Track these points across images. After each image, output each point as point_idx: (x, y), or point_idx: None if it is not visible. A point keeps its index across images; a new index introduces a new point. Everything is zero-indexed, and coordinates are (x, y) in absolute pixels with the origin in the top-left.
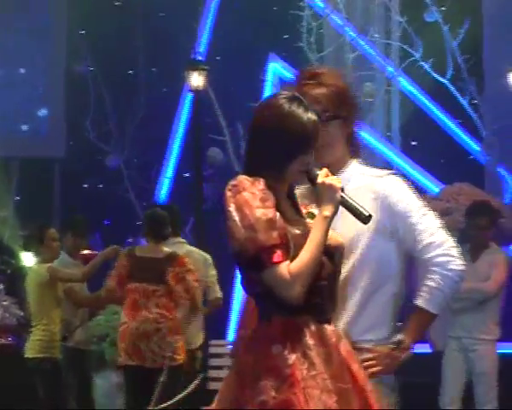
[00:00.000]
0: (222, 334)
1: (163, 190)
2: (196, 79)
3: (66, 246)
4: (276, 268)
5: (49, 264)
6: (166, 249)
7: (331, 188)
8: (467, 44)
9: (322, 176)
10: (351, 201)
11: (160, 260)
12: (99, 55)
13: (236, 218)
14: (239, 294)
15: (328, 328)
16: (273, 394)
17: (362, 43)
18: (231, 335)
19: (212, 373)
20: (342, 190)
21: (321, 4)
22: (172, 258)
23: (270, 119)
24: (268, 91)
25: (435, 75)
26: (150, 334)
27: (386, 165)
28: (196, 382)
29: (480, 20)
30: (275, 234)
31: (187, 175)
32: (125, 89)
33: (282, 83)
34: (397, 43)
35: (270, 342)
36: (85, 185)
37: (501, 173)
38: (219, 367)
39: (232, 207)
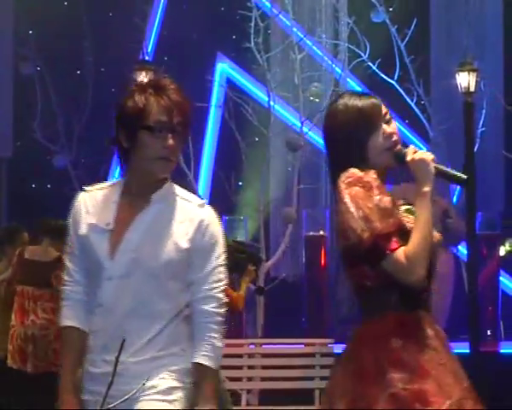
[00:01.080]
0: None
1: None
2: (144, 79)
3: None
4: (393, 256)
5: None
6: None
7: (424, 162)
8: (414, 45)
9: (411, 153)
10: (445, 169)
11: (48, 264)
12: (46, 55)
13: (352, 209)
14: None
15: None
16: (401, 386)
17: (309, 43)
18: None
19: None
20: (433, 160)
21: (268, 5)
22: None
23: (336, 114)
24: (215, 92)
25: (383, 75)
26: (37, 339)
27: None
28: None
29: (426, 21)
30: (391, 221)
31: None
32: (73, 89)
33: (230, 83)
34: (344, 43)
35: (387, 337)
36: (33, 185)
37: None
38: None
39: (347, 199)
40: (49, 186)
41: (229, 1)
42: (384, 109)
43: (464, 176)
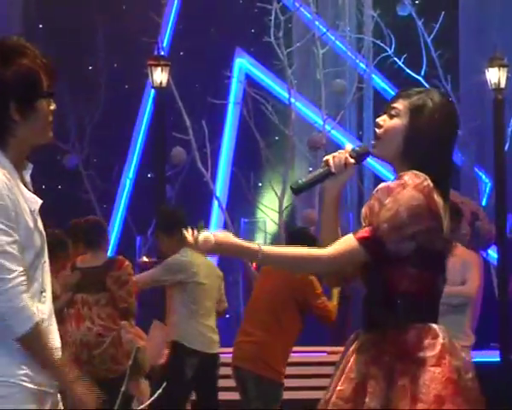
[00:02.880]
0: None
1: (125, 191)
2: (159, 76)
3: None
4: None
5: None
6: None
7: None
8: (441, 39)
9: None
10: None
11: (99, 268)
12: (57, 50)
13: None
14: None
15: None
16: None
17: (332, 38)
18: None
19: None
20: (326, 163)
21: None
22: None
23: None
24: (234, 88)
25: (409, 71)
26: (92, 346)
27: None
28: (159, 391)
29: (455, 14)
30: None
31: (150, 176)
32: (85, 85)
33: (249, 79)
34: (369, 38)
35: (420, 350)
36: (43, 186)
37: (477, 174)
38: None
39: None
40: (60, 187)
41: None
42: (395, 104)
43: (292, 185)
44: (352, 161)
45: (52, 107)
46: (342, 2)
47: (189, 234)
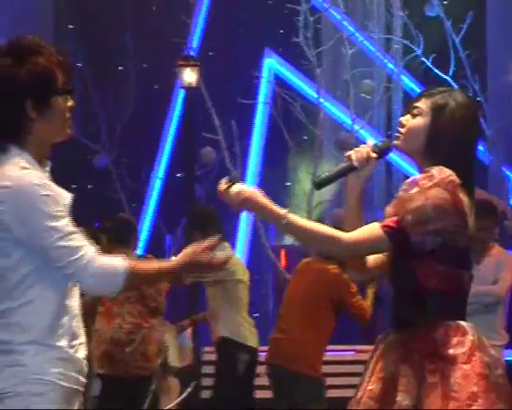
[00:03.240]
0: None
1: (154, 190)
2: (189, 76)
3: None
4: None
5: None
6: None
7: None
8: (470, 40)
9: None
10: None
11: None
12: (88, 50)
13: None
14: None
15: None
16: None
17: (361, 38)
18: None
19: (206, 381)
20: (348, 158)
21: None
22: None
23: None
24: (263, 88)
25: (437, 71)
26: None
27: (386, 164)
28: (189, 390)
29: (483, 14)
30: None
31: (179, 175)
32: (115, 85)
33: (278, 79)
34: (397, 38)
35: (450, 347)
36: (73, 186)
37: (505, 173)
38: (212, 375)
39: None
40: (90, 187)
41: None
42: (418, 104)
43: (315, 180)
44: (374, 155)
45: (69, 103)
46: (371, 2)
47: (222, 183)
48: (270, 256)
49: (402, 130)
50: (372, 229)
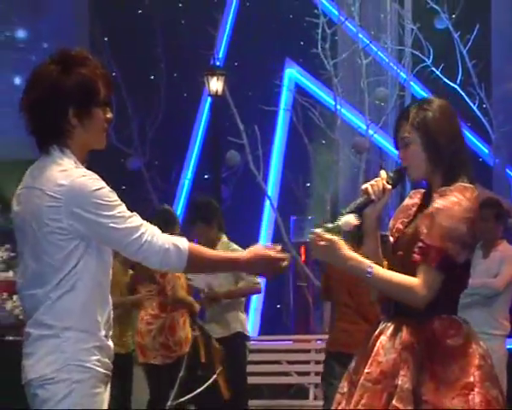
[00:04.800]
0: None
1: (183, 191)
2: (215, 84)
3: None
4: None
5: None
6: None
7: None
8: (476, 50)
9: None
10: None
11: None
12: (121, 61)
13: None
14: None
15: None
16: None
17: (375, 49)
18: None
19: None
20: (365, 192)
21: (335, 12)
22: None
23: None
24: (284, 96)
25: (446, 80)
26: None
27: (398, 165)
28: (214, 376)
29: (488, 27)
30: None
31: (206, 177)
32: (147, 93)
33: (298, 88)
34: (409, 49)
35: (447, 338)
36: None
37: (509, 175)
38: None
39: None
40: (123, 188)
41: (298, 8)
42: (402, 134)
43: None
44: (389, 187)
45: (108, 115)
46: (384, 16)
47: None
48: (291, 252)
49: (404, 164)
50: (429, 273)
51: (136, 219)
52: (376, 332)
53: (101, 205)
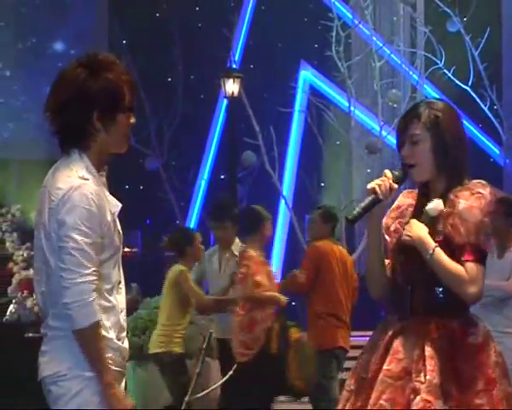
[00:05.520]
0: None
1: (200, 191)
2: (231, 86)
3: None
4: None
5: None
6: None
7: None
8: (487, 53)
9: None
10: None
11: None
12: (140, 64)
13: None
14: None
15: None
16: None
17: (388, 51)
18: None
19: None
20: (373, 191)
21: (349, 15)
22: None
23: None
24: (299, 97)
25: (457, 82)
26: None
27: None
28: (231, 372)
29: (499, 30)
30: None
31: (223, 177)
32: (164, 95)
33: (312, 89)
34: (421, 51)
35: (468, 336)
36: (127, 187)
37: None
38: None
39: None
40: (142, 188)
41: (312, 12)
42: (412, 131)
43: (348, 216)
44: (396, 186)
45: (132, 120)
46: (397, 19)
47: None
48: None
49: (411, 162)
50: (476, 269)
51: (87, 258)
52: (390, 331)
53: (74, 224)
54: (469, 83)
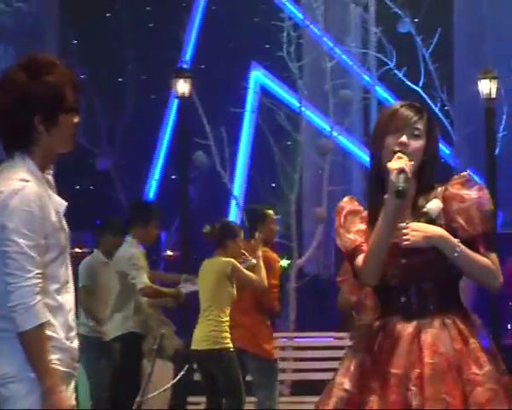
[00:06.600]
0: None
1: (151, 190)
2: (182, 86)
3: (103, 245)
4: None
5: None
6: None
7: (389, 170)
8: (438, 54)
9: (393, 160)
10: (394, 179)
11: None
12: (90, 63)
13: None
14: None
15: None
16: None
17: (339, 52)
18: None
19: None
20: (401, 170)
21: (300, 16)
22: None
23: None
24: (250, 98)
25: (408, 83)
26: None
27: (362, 167)
28: (182, 372)
29: (450, 31)
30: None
31: (174, 177)
32: (116, 95)
33: (263, 90)
34: (372, 52)
35: (482, 330)
36: (77, 187)
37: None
38: None
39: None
40: (92, 187)
41: (264, 12)
42: (417, 125)
43: (397, 188)
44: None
45: (75, 120)
46: (348, 19)
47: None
48: None
49: (406, 151)
50: (493, 258)
51: (30, 261)
52: (410, 328)
53: (16, 227)
54: (420, 83)
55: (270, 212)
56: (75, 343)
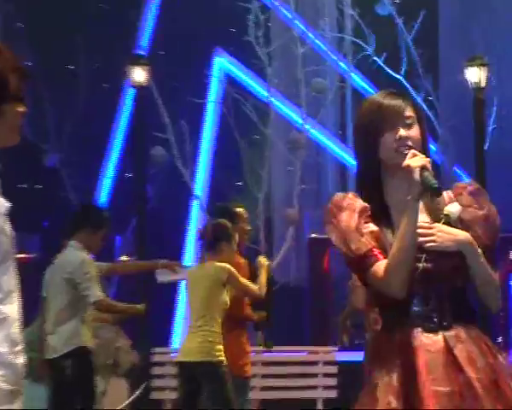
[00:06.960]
0: (165, 342)
1: (104, 189)
2: (139, 75)
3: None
4: (372, 269)
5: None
6: None
7: (409, 169)
8: (422, 39)
9: (409, 157)
10: (426, 176)
11: None
12: (37, 49)
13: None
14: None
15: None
16: None
17: (312, 36)
18: (175, 343)
19: (156, 382)
20: (424, 166)
21: None
22: None
23: (360, 107)
24: (214, 87)
25: (389, 70)
26: None
27: (338, 164)
28: (139, 391)
29: (435, 14)
30: (363, 240)
31: (129, 175)
32: (66, 85)
33: (229, 78)
34: (349, 37)
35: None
36: (23, 185)
37: (457, 173)
38: (162, 376)
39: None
40: (39, 186)
41: None
42: (408, 113)
43: (435, 185)
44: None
45: (21, 109)
46: (321, 1)
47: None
48: None
49: (409, 143)
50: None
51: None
52: (442, 342)
53: None
54: (402, 71)
55: (241, 210)
56: (21, 359)
